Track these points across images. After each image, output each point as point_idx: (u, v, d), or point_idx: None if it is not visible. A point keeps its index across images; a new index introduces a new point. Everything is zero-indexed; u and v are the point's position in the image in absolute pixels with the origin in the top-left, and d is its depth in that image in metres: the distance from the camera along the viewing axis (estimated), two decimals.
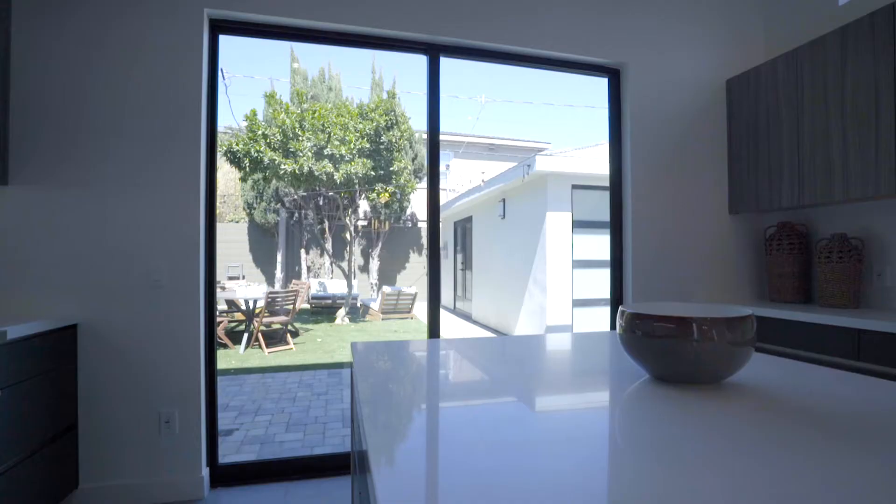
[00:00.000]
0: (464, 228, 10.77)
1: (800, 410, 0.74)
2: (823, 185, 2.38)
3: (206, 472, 2.20)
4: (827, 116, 2.36)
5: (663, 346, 0.86)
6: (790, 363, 1.10)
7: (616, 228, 2.87)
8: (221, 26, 2.29)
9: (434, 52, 2.54)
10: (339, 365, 5.42)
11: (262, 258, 11.73)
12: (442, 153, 14.61)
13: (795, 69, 2.52)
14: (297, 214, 11.11)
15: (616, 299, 2.87)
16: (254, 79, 17.71)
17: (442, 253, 12.44)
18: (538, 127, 21.63)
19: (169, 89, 2.14)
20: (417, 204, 11.48)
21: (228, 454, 2.85)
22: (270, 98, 7.97)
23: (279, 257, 11.31)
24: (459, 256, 11.21)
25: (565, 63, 2.78)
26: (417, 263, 12.11)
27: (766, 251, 2.88)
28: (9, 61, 1.96)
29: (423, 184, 2.74)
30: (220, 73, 2.39)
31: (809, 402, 0.79)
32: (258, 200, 10.76)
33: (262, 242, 11.62)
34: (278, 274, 11.29)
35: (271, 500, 2.15)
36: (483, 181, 8.36)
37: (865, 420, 0.70)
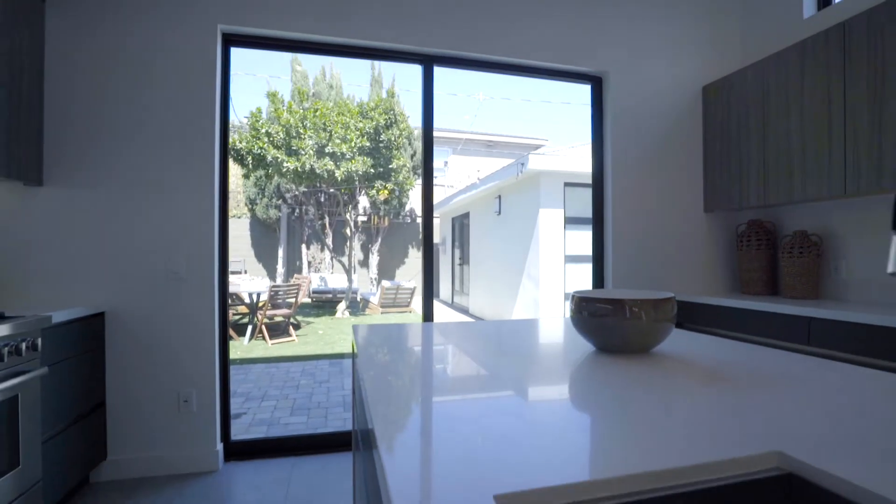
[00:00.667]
0: (461, 224, 10.99)
1: (705, 370, 0.96)
2: (785, 186, 2.59)
3: (220, 446, 2.43)
4: (788, 123, 2.57)
5: (603, 323, 1.08)
6: (709, 338, 1.32)
7: (598, 225, 3.09)
8: (233, 40, 2.49)
9: (428, 62, 2.75)
10: (340, 356, 5.65)
11: (264, 253, 11.94)
12: (441, 150, 14.77)
13: (762, 79, 2.73)
14: (298, 210, 11.32)
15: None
16: (255, 76, 17.87)
17: (440, 248, 12.70)
18: (536, 124, 21.80)
19: (186, 98, 2.34)
20: (416, 200, 11.69)
21: (238, 435, 3.07)
22: (273, 97, 8.17)
23: (280, 252, 11.52)
24: (457, 252, 11.43)
25: (551, 72, 2.99)
26: (416, 258, 12.33)
27: (738, 247, 3.09)
28: (43, 74, 2.17)
29: (418, 183, 2.96)
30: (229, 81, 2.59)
31: (712, 365, 1.01)
32: (260, 196, 10.96)
33: (263, 238, 11.83)
34: (279, 269, 11.51)
35: (279, 472, 2.38)
36: (478, 179, 8.57)
37: (751, 376, 0.91)
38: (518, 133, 14.76)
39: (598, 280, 3.09)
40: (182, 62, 2.34)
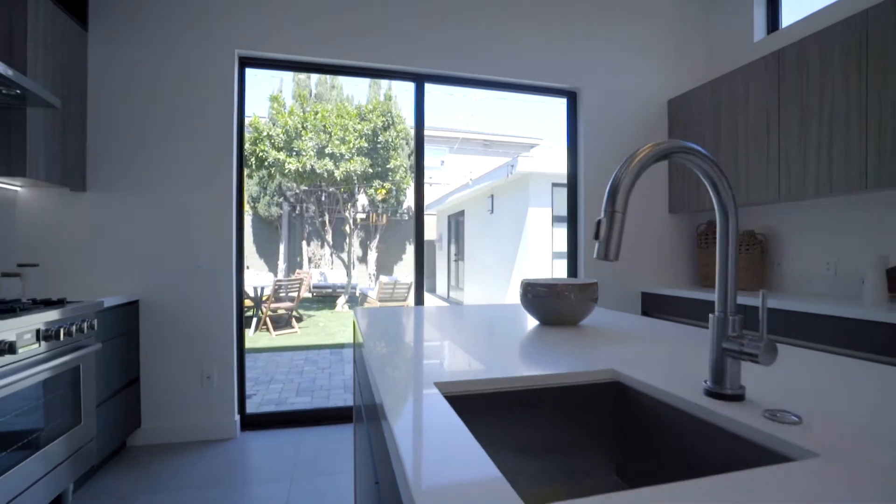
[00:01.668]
0: (457, 222, 11.34)
1: (603, 333, 1.31)
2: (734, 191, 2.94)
3: (237, 417, 2.79)
4: (735, 135, 2.92)
5: (543, 302, 1.43)
6: (627, 315, 1.68)
7: (572, 223, 3.45)
8: (248, 62, 2.84)
9: (420, 80, 3.09)
10: (341, 345, 6.01)
11: (265, 249, 12.27)
12: (438, 149, 15.03)
13: (716, 95, 3.08)
14: (298, 208, 11.66)
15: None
16: (257, 76, 18.11)
17: (437, 245, 13.05)
18: (532, 122, 22.11)
19: (207, 113, 2.69)
20: (413, 199, 12.01)
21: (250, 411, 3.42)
22: (275, 100, 8.51)
23: (281, 248, 11.86)
24: (453, 248, 11.79)
25: (531, 87, 3.34)
26: (413, 255, 12.68)
27: (699, 244, 3.45)
28: (86, 94, 2.51)
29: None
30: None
31: (611, 331, 1.36)
32: (262, 194, 11.29)
33: (265, 234, 12.16)
34: (281, 264, 11.85)
35: (289, 439, 2.73)
36: (471, 179, 8.92)
37: (622, 335, 1.26)
38: (514, 132, 15.06)
39: (573, 273, 3.45)
40: (204, 82, 2.68)
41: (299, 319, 7.66)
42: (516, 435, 0.86)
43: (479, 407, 0.84)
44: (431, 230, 13.46)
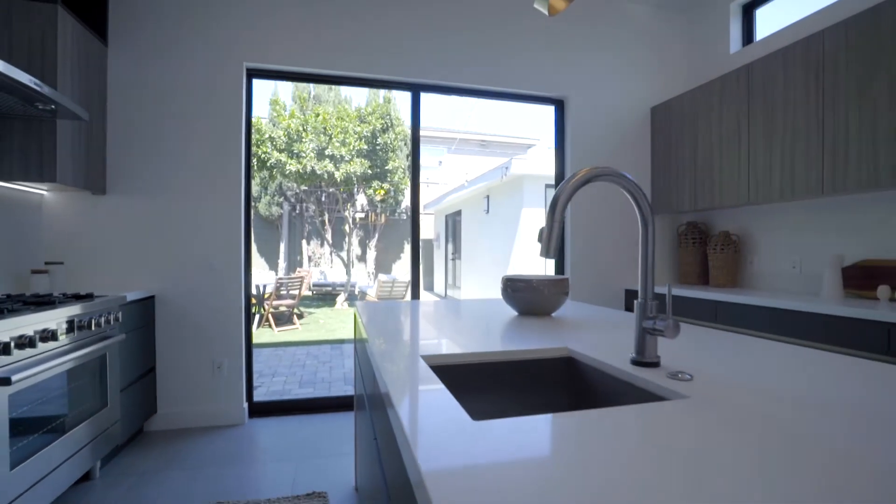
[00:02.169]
0: (454, 221, 11.55)
1: (569, 322, 1.52)
2: (708, 194, 3.16)
3: (245, 405, 2.99)
4: (710, 142, 3.13)
5: (521, 295, 1.64)
6: (595, 307, 1.89)
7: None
8: (255, 73, 3.04)
9: (416, 90, 3.29)
10: (341, 341, 6.21)
11: (266, 248, 12.46)
12: (436, 149, 15.18)
13: (693, 104, 3.29)
14: (298, 207, 11.85)
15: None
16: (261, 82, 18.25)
17: (434, 244, 13.25)
18: (528, 122, 22.30)
19: (218, 122, 2.89)
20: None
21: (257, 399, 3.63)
22: (275, 103, 8.71)
23: (282, 247, 12.06)
24: (450, 247, 12.00)
25: (521, 96, 3.54)
26: (410, 254, 12.88)
27: (679, 244, 3.66)
28: (106, 105, 2.71)
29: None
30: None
31: (576, 320, 1.57)
32: (263, 194, 11.48)
33: (265, 233, 12.35)
34: (281, 263, 12.05)
35: (293, 425, 2.94)
36: (466, 181, 9.13)
37: (582, 323, 1.47)
38: (511, 133, 15.25)
39: (560, 270, 3.66)
40: (214, 93, 2.88)
41: (300, 316, 7.87)
42: (488, 398, 1.07)
43: (458, 377, 1.05)
44: (429, 229, 13.66)
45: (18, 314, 1.60)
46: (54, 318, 1.80)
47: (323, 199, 10.86)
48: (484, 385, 1.06)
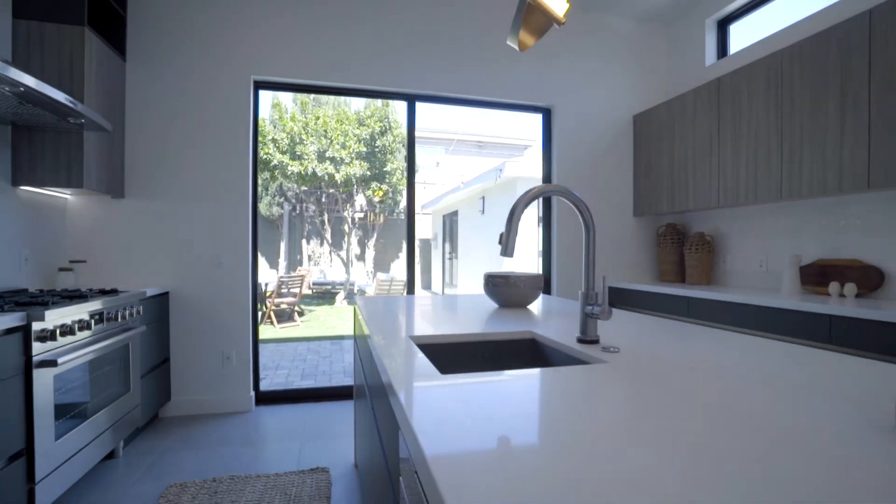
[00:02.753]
0: (451, 221, 11.78)
1: (545, 313, 1.75)
2: (683, 198, 3.39)
3: (252, 393, 3.22)
4: (685, 149, 3.36)
5: (500, 290, 1.87)
6: (566, 301, 2.12)
7: (546, 225, 3.88)
8: (261, 85, 3.26)
9: (411, 99, 3.52)
10: (341, 337, 6.44)
11: (266, 247, 12.65)
12: (433, 150, 15.33)
13: (671, 113, 3.52)
14: (298, 207, 12.07)
15: (546, 280, 3.90)
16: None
17: (432, 243, 13.48)
18: (525, 125, 22.49)
19: (227, 130, 3.11)
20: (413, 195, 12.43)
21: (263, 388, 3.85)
22: (277, 106, 8.93)
23: (282, 246, 12.27)
24: (447, 246, 12.23)
25: (510, 105, 3.77)
26: (406, 255, 13.10)
27: (659, 244, 3.90)
28: (124, 115, 2.93)
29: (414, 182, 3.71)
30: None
31: (546, 310, 1.80)
32: (263, 194, 11.69)
33: (266, 233, 12.55)
34: (281, 262, 12.26)
35: (297, 413, 3.16)
36: (462, 182, 9.36)
37: (548, 313, 1.70)
38: (507, 134, 15.46)
39: (547, 267, 3.89)
40: (224, 104, 3.10)
41: (301, 314, 8.09)
42: (465, 370, 1.29)
43: (441, 354, 1.28)
44: (427, 229, 13.89)
45: (60, 306, 1.83)
46: (87, 310, 2.02)
47: (323, 199, 11.08)
48: (463, 360, 1.29)
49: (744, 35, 3.52)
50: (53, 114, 2.12)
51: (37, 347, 1.67)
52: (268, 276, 10.67)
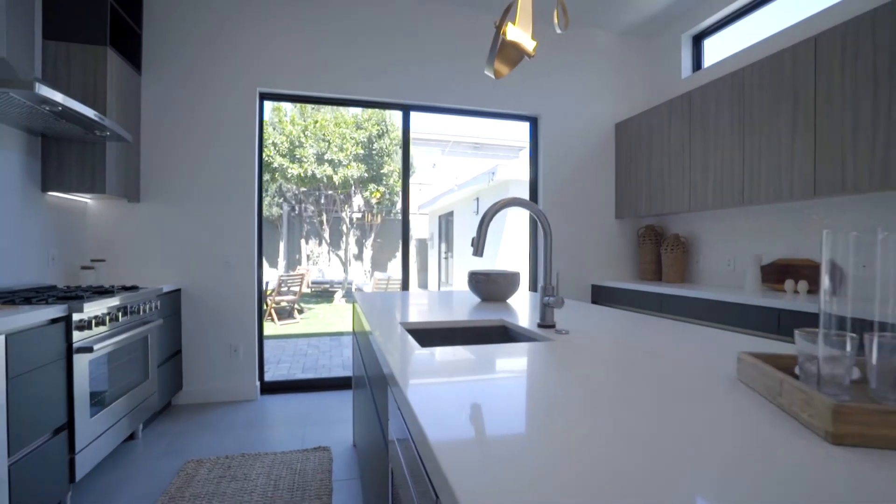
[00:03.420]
0: (447, 221, 12.03)
1: (517, 305, 1.99)
2: (659, 202, 3.65)
3: (258, 383, 3.46)
4: (661, 157, 3.62)
5: (482, 285, 2.12)
6: (537, 296, 2.37)
7: (534, 227, 4.13)
8: (266, 96, 3.50)
9: (406, 109, 3.77)
10: (339, 333, 6.68)
11: (266, 247, 12.87)
12: (430, 151, 15.50)
13: (649, 122, 3.77)
14: (297, 208, 12.30)
15: (533, 279, 4.15)
16: None
17: (428, 243, 13.72)
18: (520, 126, 22.76)
19: (234, 138, 3.35)
20: (409, 197, 12.67)
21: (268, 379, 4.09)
22: (277, 110, 9.17)
23: (281, 246, 12.50)
24: (443, 246, 12.48)
25: (499, 114, 4.02)
26: (401, 255, 13.34)
27: (639, 245, 4.15)
28: (140, 125, 3.17)
29: (410, 184, 3.96)
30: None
31: (527, 304, 2.04)
32: (263, 195, 11.96)
33: (266, 233, 12.76)
34: (281, 261, 12.49)
35: (300, 401, 3.40)
36: (456, 185, 9.60)
37: (520, 304, 1.94)
38: (503, 135, 15.68)
39: (534, 266, 4.14)
40: (232, 114, 3.34)
41: (301, 311, 8.32)
42: None
43: (426, 337, 1.52)
44: (424, 229, 14.13)
45: (93, 300, 2.06)
46: (114, 304, 2.26)
47: (322, 200, 11.32)
48: (443, 343, 1.54)
49: (718, 49, 3.77)
50: (82, 127, 2.36)
51: (76, 335, 1.91)
52: (268, 274, 10.89)
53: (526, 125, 4.17)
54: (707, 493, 0.45)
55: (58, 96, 1.95)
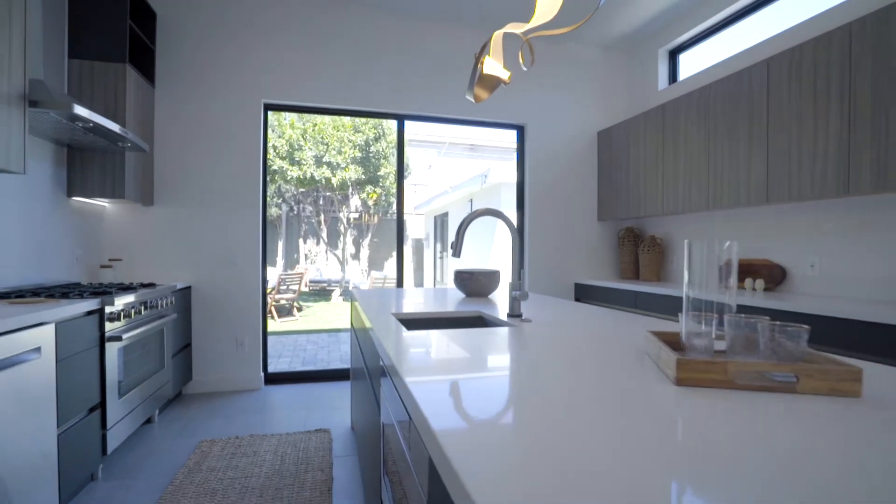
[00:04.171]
0: (442, 222, 12.29)
1: (500, 300, 2.26)
2: (637, 205, 3.92)
3: (262, 374, 3.72)
4: (638, 163, 3.89)
5: (466, 283, 2.38)
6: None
7: (520, 229, 4.40)
8: (270, 107, 3.76)
9: (401, 118, 4.03)
10: (337, 330, 6.94)
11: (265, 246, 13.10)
12: (426, 152, 15.71)
13: (627, 131, 4.05)
14: (296, 208, 12.54)
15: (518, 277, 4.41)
16: None
17: (424, 243, 14.00)
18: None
19: (241, 146, 3.60)
20: (404, 199, 12.92)
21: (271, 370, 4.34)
22: (276, 114, 9.40)
23: (280, 245, 12.74)
24: (438, 246, 12.74)
25: (488, 123, 4.28)
26: (396, 256, 13.59)
27: (619, 246, 4.42)
28: (153, 134, 3.42)
29: (406, 185, 4.23)
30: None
31: (506, 299, 2.31)
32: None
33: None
34: (279, 260, 12.72)
35: (301, 390, 3.66)
36: (451, 187, 9.87)
37: (501, 298, 2.21)
38: (497, 138, 15.95)
39: (519, 265, 4.40)
40: (238, 124, 3.60)
41: (299, 309, 8.57)
42: None
43: (413, 325, 1.79)
44: (420, 229, 14.39)
45: (120, 295, 2.32)
46: (136, 299, 2.51)
47: (320, 201, 11.57)
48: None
49: (693, 63, 4.05)
50: (107, 139, 2.61)
51: (107, 326, 2.17)
52: (267, 273, 11.11)
53: (514, 131, 4.44)
54: (593, 411, 0.71)
55: (92, 115, 2.21)
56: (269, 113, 3.86)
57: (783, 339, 0.86)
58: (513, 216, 8.04)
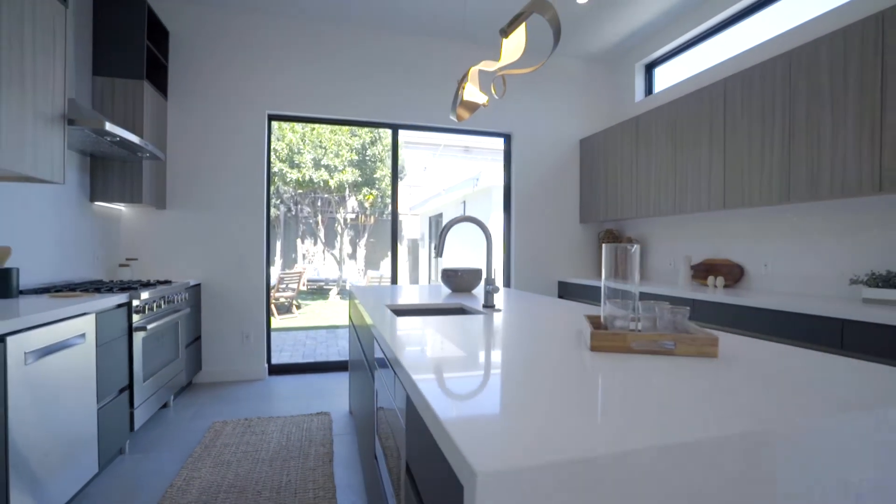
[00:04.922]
0: (437, 222, 12.59)
1: (480, 295, 2.55)
2: (615, 208, 4.23)
3: (266, 365, 4.00)
4: (616, 169, 4.20)
5: (452, 280, 2.68)
6: (505, 290, 2.93)
7: (507, 230, 4.70)
8: (274, 117, 4.04)
9: (395, 128, 4.32)
10: (335, 327, 7.22)
11: None
12: (421, 154, 15.96)
13: (605, 140, 4.35)
14: (294, 209, 12.80)
15: (506, 275, 4.72)
16: None
17: (419, 243, 14.29)
18: None
19: (246, 154, 3.88)
20: (399, 201, 13.20)
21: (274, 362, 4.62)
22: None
23: (278, 246, 13.00)
24: (433, 245, 13.04)
25: (477, 131, 4.58)
26: (398, 252, 13.87)
27: (599, 246, 4.73)
28: (166, 143, 3.70)
29: (401, 186, 4.54)
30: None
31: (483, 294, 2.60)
32: None
33: None
34: (277, 260, 12.98)
35: (303, 380, 3.94)
36: (444, 189, 10.16)
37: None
38: (490, 141, 16.23)
39: (507, 264, 4.71)
40: (245, 133, 3.88)
41: (298, 307, 8.85)
42: None
43: (404, 314, 2.08)
44: (416, 229, 14.68)
45: (143, 290, 2.60)
46: (156, 294, 2.80)
47: (318, 203, 11.84)
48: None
49: (668, 76, 4.36)
50: (128, 150, 2.89)
51: (135, 317, 2.45)
52: (275, 272, 11.36)
53: (502, 139, 4.73)
54: (531, 365, 1.01)
55: (120, 131, 2.49)
56: (273, 123, 4.14)
57: (672, 317, 1.16)
58: (499, 222, 8.34)
